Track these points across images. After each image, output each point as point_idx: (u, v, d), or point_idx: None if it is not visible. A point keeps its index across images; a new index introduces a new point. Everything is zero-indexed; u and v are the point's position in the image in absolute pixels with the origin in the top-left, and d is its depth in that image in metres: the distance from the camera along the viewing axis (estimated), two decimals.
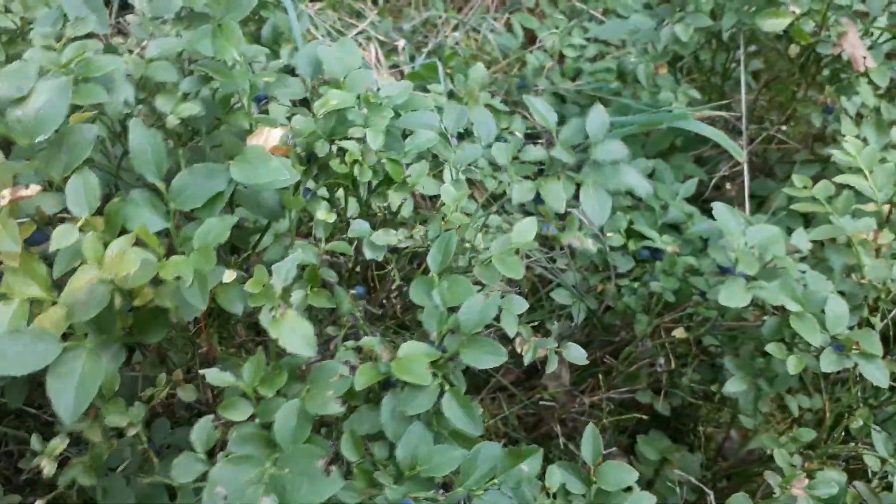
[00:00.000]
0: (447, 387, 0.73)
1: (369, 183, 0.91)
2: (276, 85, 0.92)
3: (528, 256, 1.38)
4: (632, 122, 1.19)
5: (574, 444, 1.29)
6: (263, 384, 0.72)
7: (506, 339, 1.47)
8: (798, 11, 1.18)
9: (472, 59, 1.79)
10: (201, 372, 0.72)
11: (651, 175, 1.43)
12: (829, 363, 0.90)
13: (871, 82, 1.27)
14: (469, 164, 0.95)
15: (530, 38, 1.95)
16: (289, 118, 0.91)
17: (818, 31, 1.25)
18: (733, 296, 0.94)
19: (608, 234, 1.27)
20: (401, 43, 1.69)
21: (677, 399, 1.29)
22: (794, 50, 1.23)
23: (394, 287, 0.89)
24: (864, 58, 1.23)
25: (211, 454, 0.71)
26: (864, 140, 1.35)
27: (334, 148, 0.87)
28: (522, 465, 0.73)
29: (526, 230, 0.82)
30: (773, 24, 1.20)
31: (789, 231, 1.35)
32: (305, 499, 0.64)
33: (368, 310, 0.94)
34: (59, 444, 0.67)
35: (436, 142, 0.88)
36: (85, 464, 0.69)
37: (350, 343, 0.80)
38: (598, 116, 0.89)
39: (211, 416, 0.70)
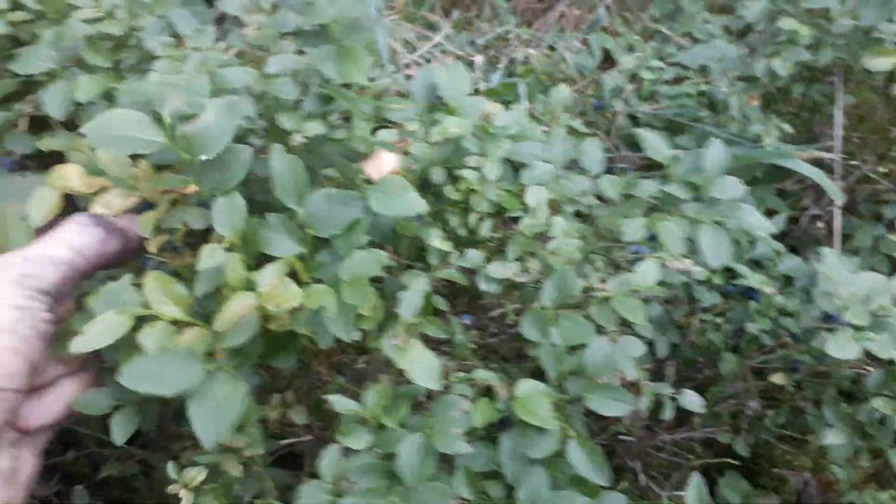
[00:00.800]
0: (571, 432, 0.72)
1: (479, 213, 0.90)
2: (388, 108, 0.92)
3: None
4: (732, 155, 1.16)
5: (651, 480, 1.27)
6: (386, 414, 0.71)
7: None
8: None
9: (547, 77, 1.77)
10: (325, 396, 0.72)
11: None
12: None
13: None
14: (576, 197, 0.93)
15: (606, 59, 1.93)
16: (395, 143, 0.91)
17: None
18: (841, 347, 0.91)
19: (694, 269, 1.25)
20: (478, 59, 1.67)
21: (751, 439, 1.27)
22: (895, 90, 1.20)
23: (506, 321, 0.88)
24: None
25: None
26: None
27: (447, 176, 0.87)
28: None
29: (648, 272, 0.81)
30: (879, 62, 1.17)
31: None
32: None
33: (477, 342, 0.93)
34: (197, 474, 0.67)
35: (552, 175, 0.87)
36: (217, 491, 0.69)
37: (462, 375, 0.79)
38: (717, 151, 0.87)
39: (337, 447, 0.70)
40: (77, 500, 1.08)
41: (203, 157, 0.64)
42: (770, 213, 1.50)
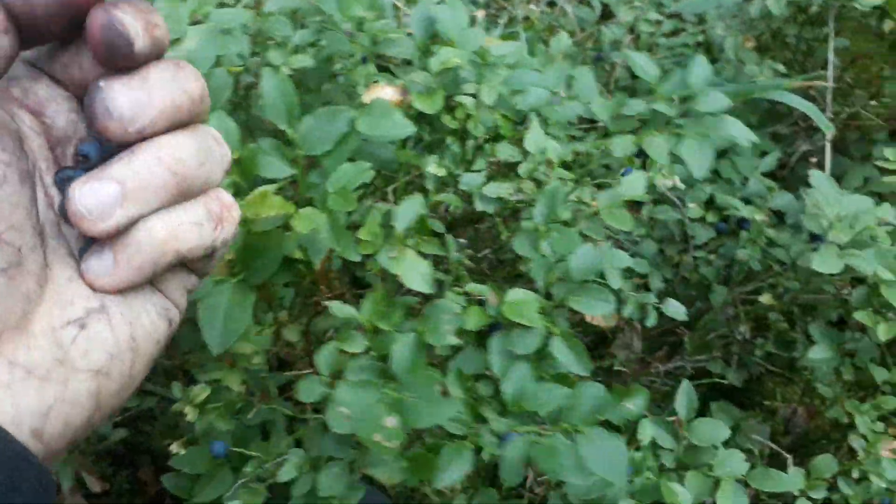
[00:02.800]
0: (555, 330, 0.76)
1: (476, 138, 0.94)
2: (386, 43, 0.95)
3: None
4: (724, 90, 1.19)
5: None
6: (381, 319, 0.75)
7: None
8: None
9: (548, 32, 1.80)
10: (325, 303, 0.76)
11: (728, 151, 1.43)
12: None
13: None
14: (570, 122, 0.97)
15: (605, 14, 1.95)
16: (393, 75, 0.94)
17: None
18: (827, 262, 0.95)
19: (689, 205, 1.28)
20: (479, 14, 1.70)
21: (744, 373, 1.31)
22: (889, 25, 1.22)
23: (501, 239, 0.92)
24: None
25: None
26: None
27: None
28: (629, 403, 0.76)
29: (634, 182, 0.84)
30: None
31: None
32: (427, 419, 0.68)
33: (471, 263, 0.97)
34: (201, 392, 0.72)
35: (547, 100, 0.90)
36: (220, 409, 0.74)
37: (458, 289, 0.83)
38: (699, 68, 0.90)
39: (334, 344, 0.74)
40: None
41: None
42: (764, 155, 1.53)
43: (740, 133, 0.81)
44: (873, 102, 1.34)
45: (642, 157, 0.91)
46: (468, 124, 0.91)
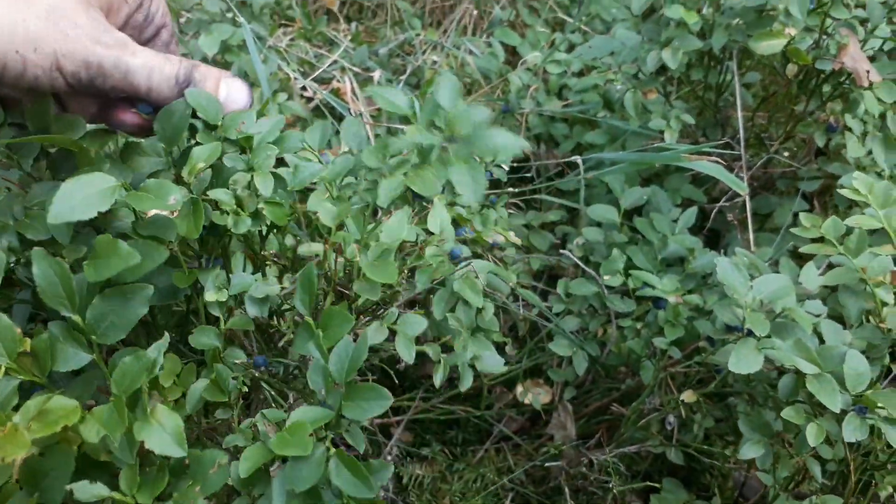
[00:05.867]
0: (332, 451, 0.66)
1: (260, 233, 0.83)
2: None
3: (520, 299, 1.32)
4: (622, 160, 1.11)
5: (586, 499, 1.23)
6: (141, 492, 0.64)
7: (508, 386, 1.40)
8: (794, 33, 1.10)
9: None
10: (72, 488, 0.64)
11: (647, 204, 1.35)
12: (852, 431, 0.84)
13: (875, 94, 1.19)
14: (344, 178, 0.84)
15: (514, 54, 1.86)
16: None
17: (817, 45, 1.17)
18: (744, 360, 0.87)
19: (605, 277, 1.20)
20: (376, 74, 1.60)
21: (691, 443, 1.23)
22: (791, 70, 1.15)
23: (283, 343, 0.81)
24: (868, 72, 1.15)
25: None
26: (871, 153, 1.27)
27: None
28: None
29: (395, 227, 0.75)
30: (768, 46, 1.12)
31: (795, 250, 1.28)
32: None
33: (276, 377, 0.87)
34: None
35: (321, 173, 0.78)
36: None
37: (245, 424, 0.73)
38: (446, 86, 0.74)
39: None
40: None
41: None
42: (685, 201, 1.46)
43: (508, 142, 0.67)
44: (786, 149, 1.27)
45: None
46: (229, 221, 0.78)
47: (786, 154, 1.30)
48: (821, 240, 1.01)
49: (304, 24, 1.77)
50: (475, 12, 1.87)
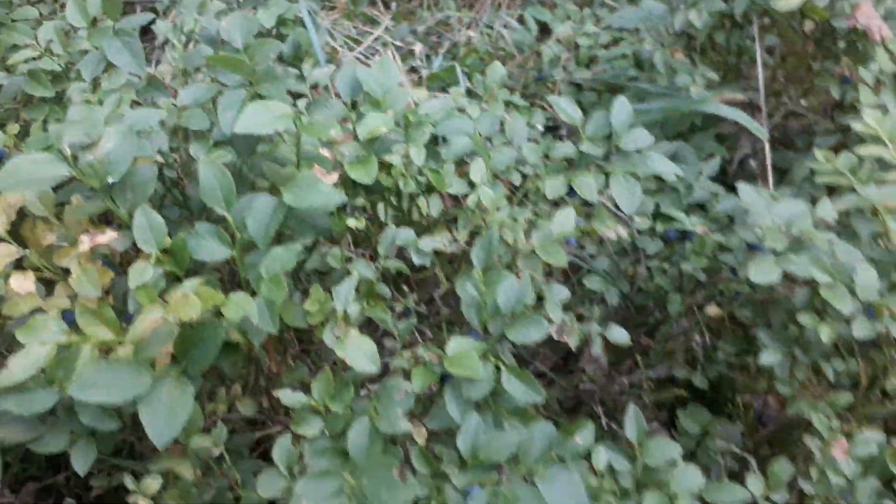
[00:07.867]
0: (502, 367, 0.78)
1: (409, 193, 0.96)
2: (318, 106, 0.97)
3: None
4: (653, 109, 1.22)
5: (616, 423, 1.33)
6: (333, 400, 0.77)
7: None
8: None
9: (488, 56, 1.83)
10: (275, 394, 0.78)
11: (673, 157, 1.46)
12: (861, 330, 0.94)
13: (888, 50, 1.29)
14: (506, 166, 0.99)
15: (544, 30, 1.98)
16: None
17: (832, 4, 1.28)
18: (763, 272, 0.98)
19: (636, 219, 1.31)
20: (418, 47, 1.73)
21: (713, 372, 1.33)
22: (808, 25, 1.26)
23: (441, 290, 0.94)
24: (880, 27, 1.26)
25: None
26: (884, 108, 1.37)
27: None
28: (576, 438, 0.78)
29: (565, 220, 0.87)
30: (786, 3, 1.22)
31: (814, 201, 1.38)
32: None
33: (418, 312, 0.99)
34: (152, 483, 0.74)
35: (471, 147, 0.92)
36: (176, 497, 0.75)
37: (406, 352, 0.86)
38: (622, 108, 0.93)
39: (289, 437, 0.76)
40: None
41: (111, 181, 0.70)
42: (709, 158, 1.56)
43: (665, 167, 0.84)
44: (804, 100, 1.38)
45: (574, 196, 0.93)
46: (400, 182, 0.93)
47: (803, 104, 1.40)
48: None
49: (347, 3, 1.90)
50: None
